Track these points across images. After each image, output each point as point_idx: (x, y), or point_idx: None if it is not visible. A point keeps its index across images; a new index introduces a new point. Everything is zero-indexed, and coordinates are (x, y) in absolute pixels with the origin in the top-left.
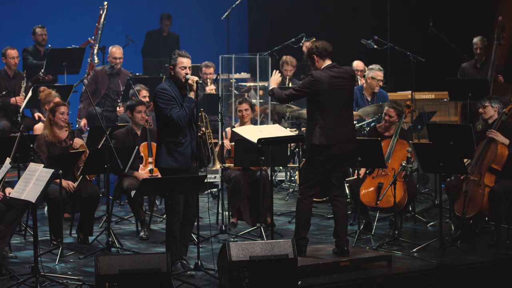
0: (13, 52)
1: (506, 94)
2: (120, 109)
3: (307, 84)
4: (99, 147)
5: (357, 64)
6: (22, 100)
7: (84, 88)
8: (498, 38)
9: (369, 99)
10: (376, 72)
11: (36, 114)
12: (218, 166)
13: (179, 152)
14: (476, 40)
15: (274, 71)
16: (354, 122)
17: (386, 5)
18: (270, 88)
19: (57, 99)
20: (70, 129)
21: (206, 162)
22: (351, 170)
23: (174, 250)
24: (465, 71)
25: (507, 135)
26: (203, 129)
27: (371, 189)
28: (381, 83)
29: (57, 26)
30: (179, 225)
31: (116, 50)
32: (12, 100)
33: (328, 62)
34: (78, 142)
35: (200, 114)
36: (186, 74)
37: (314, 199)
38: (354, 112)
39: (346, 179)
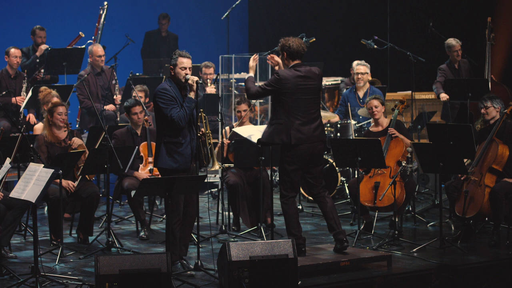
0: (16, 52)
1: (505, 93)
2: (117, 97)
3: (272, 82)
4: (97, 145)
5: (355, 65)
6: (22, 100)
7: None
8: (489, 39)
9: (360, 96)
10: (356, 66)
11: (29, 115)
12: (217, 166)
13: (179, 153)
14: (453, 43)
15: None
16: (354, 122)
17: (386, 5)
18: (249, 75)
19: (55, 99)
20: (69, 129)
21: (205, 162)
22: (350, 170)
23: (174, 250)
24: (446, 73)
25: (508, 135)
26: (203, 129)
27: (368, 188)
28: (363, 77)
29: (57, 26)
30: (179, 225)
31: (97, 48)
32: (13, 100)
33: (296, 62)
34: (77, 142)
35: (199, 114)
36: (186, 74)
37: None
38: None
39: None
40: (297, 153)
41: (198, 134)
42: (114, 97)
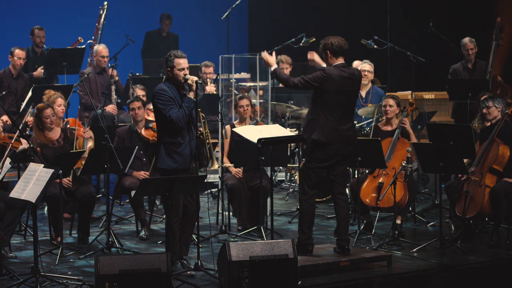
0: (21, 53)
1: (505, 94)
2: (113, 96)
3: (318, 78)
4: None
5: (357, 64)
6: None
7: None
8: (496, 39)
9: (363, 95)
10: (362, 64)
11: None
12: (216, 166)
13: (178, 153)
14: (465, 41)
15: (264, 52)
16: (354, 122)
17: (386, 5)
18: (272, 69)
19: (59, 100)
20: (63, 125)
21: (204, 162)
22: (350, 170)
23: (174, 250)
24: (458, 73)
25: (509, 136)
26: (201, 129)
27: (372, 188)
28: (368, 74)
29: (57, 26)
30: (178, 224)
31: (102, 49)
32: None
33: (340, 60)
34: (88, 133)
35: (197, 114)
36: (185, 74)
37: None
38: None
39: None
40: (328, 151)
41: (197, 134)
42: (112, 93)
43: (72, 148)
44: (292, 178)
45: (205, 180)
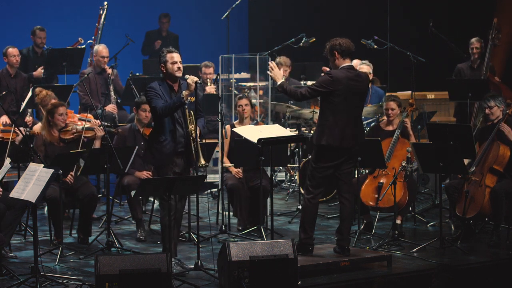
0: (14, 51)
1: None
2: (112, 97)
3: (324, 84)
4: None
5: (356, 64)
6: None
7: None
8: (493, 39)
9: None
10: (360, 65)
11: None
12: (202, 162)
13: (157, 150)
14: (472, 40)
15: (271, 63)
16: (363, 124)
17: (386, 5)
18: (279, 83)
19: (54, 101)
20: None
21: (194, 158)
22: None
23: (170, 247)
24: (461, 72)
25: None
26: (190, 126)
27: (372, 188)
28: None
29: (57, 26)
30: (172, 221)
31: (103, 49)
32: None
33: (347, 62)
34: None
35: (185, 112)
36: (178, 68)
37: None
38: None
39: None
40: (335, 153)
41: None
42: (111, 92)
43: (78, 148)
44: (292, 178)
45: (205, 180)
